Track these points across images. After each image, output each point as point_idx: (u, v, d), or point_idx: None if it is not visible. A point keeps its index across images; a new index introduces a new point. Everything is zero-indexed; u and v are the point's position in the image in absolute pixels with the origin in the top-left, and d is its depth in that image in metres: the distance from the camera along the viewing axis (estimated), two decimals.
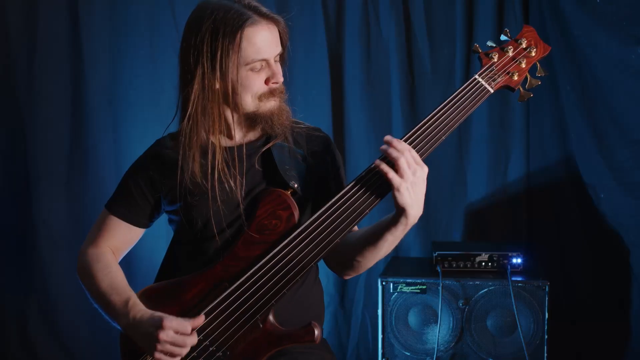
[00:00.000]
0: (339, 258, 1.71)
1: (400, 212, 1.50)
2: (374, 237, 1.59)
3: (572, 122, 2.87)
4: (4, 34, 3.04)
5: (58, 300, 3.14)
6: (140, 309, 1.61)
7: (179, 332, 1.55)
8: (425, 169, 1.50)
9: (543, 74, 1.67)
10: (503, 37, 1.69)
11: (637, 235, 2.60)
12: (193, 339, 1.57)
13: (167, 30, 3.11)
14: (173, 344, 1.54)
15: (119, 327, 1.66)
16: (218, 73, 1.60)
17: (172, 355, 1.56)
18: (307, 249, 1.57)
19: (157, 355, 1.56)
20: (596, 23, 2.63)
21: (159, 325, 1.53)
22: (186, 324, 1.56)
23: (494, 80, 1.64)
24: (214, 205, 1.66)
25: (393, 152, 1.49)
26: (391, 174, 1.47)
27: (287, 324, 1.63)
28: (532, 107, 3.12)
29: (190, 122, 1.64)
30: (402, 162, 1.47)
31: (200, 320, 1.59)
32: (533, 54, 1.67)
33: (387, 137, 1.51)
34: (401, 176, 1.47)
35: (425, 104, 3.18)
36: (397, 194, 1.48)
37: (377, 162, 1.52)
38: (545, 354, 2.55)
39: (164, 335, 1.53)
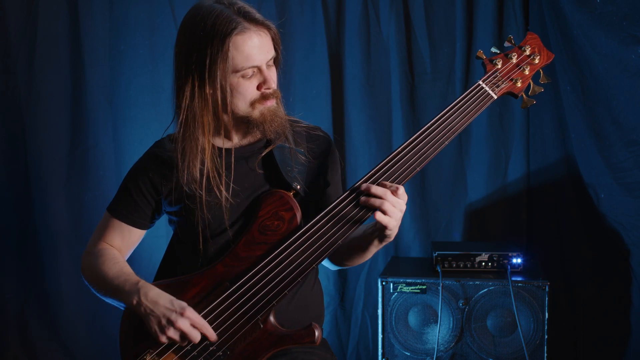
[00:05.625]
0: (330, 258, 1.76)
1: (383, 234, 1.57)
2: (360, 247, 1.67)
3: (572, 122, 2.87)
4: (4, 34, 3.03)
5: (58, 300, 3.14)
6: (153, 288, 1.62)
7: (196, 326, 1.56)
8: (406, 198, 1.55)
9: (546, 81, 1.68)
10: (507, 44, 1.70)
11: (637, 235, 2.60)
12: (198, 337, 1.58)
13: (167, 30, 3.11)
14: (187, 332, 1.55)
15: (122, 307, 1.67)
16: (207, 80, 1.60)
17: (178, 342, 1.58)
18: (310, 251, 1.57)
19: (163, 338, 1.57)
20: (596, 23, 2.63)
21: (181, 311, 1.55)
22: (205, 323, 1.57)
23: (497, 87, 1.65)
24: (203, 210, 1.66)
25: (376, 202, 1.52)
26: (380, 216, 1.52)
27: (287, 324, 1.64)
28: (532, 107, 3.11)
29: (183, 128, 1.65)
30: (388, 206, 1.51)
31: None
32: (536, 61, 1.68)
33: (364, 186, 1.54)
34: (390, 216, 1.52)
35: (425, 104, 3.18)
36: (387, 232, 1.55)
37: (363, 199, 1.54)
38: (545, 354, 2.55)
39: (181, 322, 1.55)
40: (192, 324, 1.56)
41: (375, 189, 1.52)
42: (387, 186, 1.53)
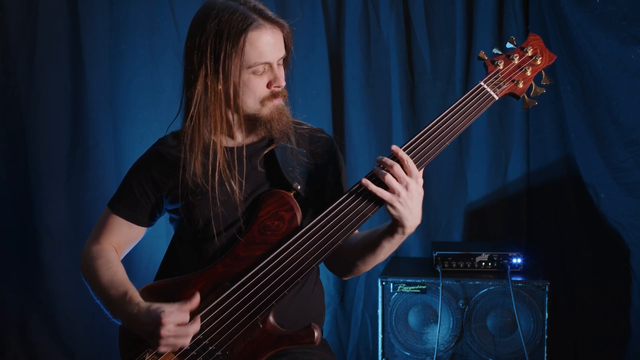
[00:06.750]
0: (339, 261, 1.74)
1: (395, 223, 1.55)
2: (372, 243, 1.63)
3: (572, 122, 2.87)
4: (4, 34, 3.03)
5: (58, 300, 3.14)
6: (136, 303, 1.61)
7: (179, 324, 1.55)
8: (420, 181, 1.53)
9: (548, 82, 1.68)
10: (509, 45, 1.70)
11: (637, 235, 2.60)
12: (195, 326, 1.57)
13: (167, 30, 3.11)
14: (175, 336, 1.55)
15: (119, 323, 1.67)
16: (221, 75, 1.60)
17: (176, 346, 1.57)
18: (309, 251, 1.57)
19: (162, 349, 1.56)
20: (596, 23, 2.63)
21: (157, 322, 1.54)
22: (184, 315, 1.55)
23: (499, 88, 1.65)
24: (214, 206, 1.66)
25: (379, 172, 1.52)
26: (380, 192, 1.51)
27: (287, 325, 1.64)
28: (532, 107, 3.11)
29: (193, 122, 1.65)
30: (389, 179, 1.50)
31: (196, 301, 1.59)
32: (538, 62, 1.68)
33: (378, 158, 1.54)
34: (392, 192, 1.50)
35: (425, 104, 3.18)
36: (390, 208, 1.52)
37: (364, 181, 1.54)
38: (545, 354, 2.55)
39: (164, 331, 1.53)
40: (176, 324, 1.54)
41: (386, 159, 1.52)
42: (404, 158, 1.52)
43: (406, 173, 1.51)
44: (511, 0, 3.07)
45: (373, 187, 1.51)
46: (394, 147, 1.54)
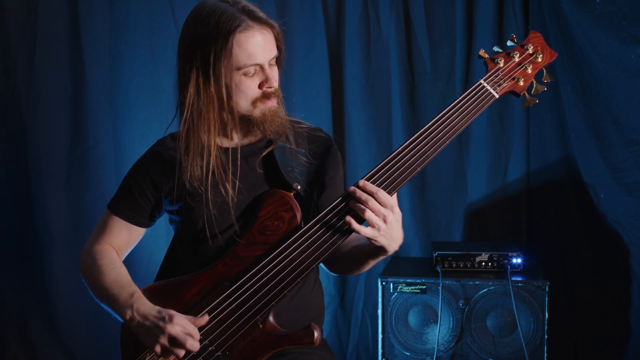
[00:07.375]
0: (331, 263, 1.77)
1: (375, 247, 1.55)
2: (358, 259, 1.66)
3: (572, 122, 2.87)
4: (4, 34, 3.03)
5: (58, 300, 3.14)
6: (145, 302, 1.61)
7: (186, 332, 1.55)
8: (396, 210, 1.51)
9: (549, 80, 1.67)
10: (509, 43, 1.69)
11: (637, 235, 2.60)
12: (195, 343, 1.56)
13: (167, 30, 3.11)
14: (177, 338, 1.54)
15: (120, 319, 1.66)
16: (212, 77, 1.60)
17: (173, 352, 1.56)
18: (309, 251, 1.57)
19: (158, 348, 1.56)
20: (596, 23, 2.63)
21: (169, 319, 1.54)
22: (193, 327, 1.56)
23: (499, 86, 1.64)
24: (209, 208, 1.66)
25: (358, 207, 1.51)
26: (363, 230, 1.50)
27: (287, 325, 1.64)
28: (532, 107, 3.11)
29: (187, 125, 1.65)
30: (368, 215, 1.49)
31: (204, 320, 1.59)
32: (539, 59, 1.67)
33: (351, 188, 1.52)
34: (372, 226, 1.50)
35: (425, 104, 3.18)
36: (372, 242, 1.52)
37: (348, 218, 1.51)
38: (545, 354, 2.55)
39: (171, 328, 1.54)
40: (182, 330, 1.55)
41: (360, 194, 1.50)
42: (374, 191, 1.50)
43: (380, 204, 1.50)
44: (511, 0, 3.07)
45: (356, 225, 1.50)
46: (361, 182, 1.52)
